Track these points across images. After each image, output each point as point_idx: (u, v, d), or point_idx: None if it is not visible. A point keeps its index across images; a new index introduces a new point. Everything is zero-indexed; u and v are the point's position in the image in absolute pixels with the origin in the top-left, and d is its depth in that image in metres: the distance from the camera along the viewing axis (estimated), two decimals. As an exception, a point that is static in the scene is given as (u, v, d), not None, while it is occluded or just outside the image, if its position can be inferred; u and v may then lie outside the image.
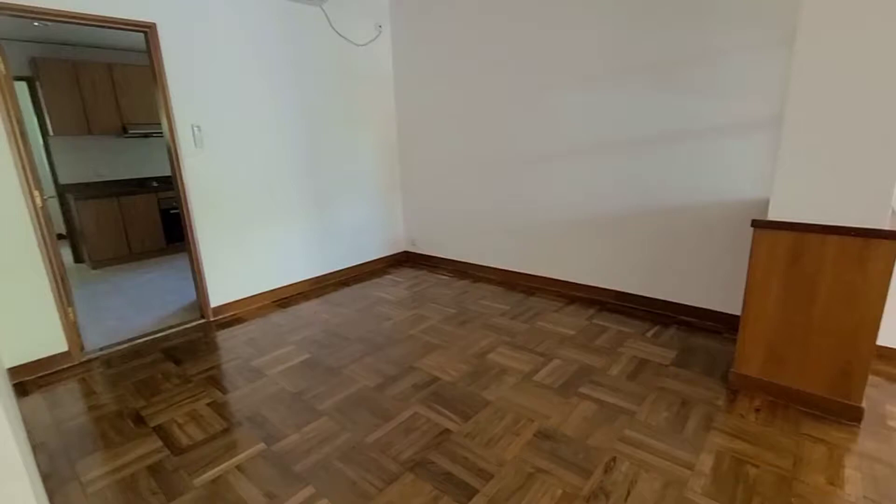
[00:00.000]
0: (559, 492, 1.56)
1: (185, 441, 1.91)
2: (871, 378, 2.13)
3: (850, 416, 1.85)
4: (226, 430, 1.97)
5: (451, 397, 2.15)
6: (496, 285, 3.72)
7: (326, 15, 3.58)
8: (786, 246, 1.89)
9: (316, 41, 3.58)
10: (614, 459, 1.70)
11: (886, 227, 1.68)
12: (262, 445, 1.87)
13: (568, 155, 3.25)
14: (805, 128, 1.78)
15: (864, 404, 1.84)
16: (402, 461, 1.74)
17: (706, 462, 1.67)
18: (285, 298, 3.60)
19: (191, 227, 3.04)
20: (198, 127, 2.98)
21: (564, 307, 3.19)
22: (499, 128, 3.58)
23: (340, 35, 3.71)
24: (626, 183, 3.01)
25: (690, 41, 2.58)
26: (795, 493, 1.52)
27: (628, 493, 1.55)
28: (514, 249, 3.73)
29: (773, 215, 1.90)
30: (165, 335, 2.98)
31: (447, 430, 1.91)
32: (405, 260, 4.61)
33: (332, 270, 3.98)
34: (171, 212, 5.04)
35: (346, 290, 3.74)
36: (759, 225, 1.92)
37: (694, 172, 2.72)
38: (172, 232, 5.09)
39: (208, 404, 2.18)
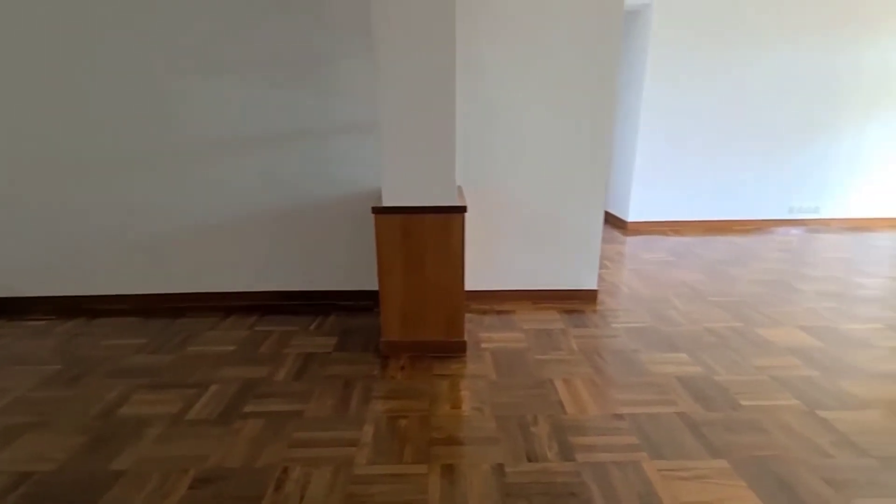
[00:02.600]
0: (225, 540, 1.35)
1: None
2: (468, 316, 2.87)
3: (459, 349, 2.42)
4: None
5: (57, 493, 1.54)
6: (128, 316, 2.95)
7: None
8: (400, 226, 2.24)
9: None
10: (286, 470, 1.62)
11: (456, 204, 2.22)
12: None
13: (198, 153, 2.85)
14: (394, 128, 2.12)
15: (465, 338, 2.44)
16: None
17: (368, 432, 1.82)
18: None
19: None
20: None
21: (221, 321, 2.85)
22: (99, 119, 2.77)
23: None
24: (268, 180, 2.91)
25: (313, 41, 2.67)
26: (433, 426, 1.86)
27: (301, 498, 1.50)
28: (148, 267, 3.04)
29: (387, 202, 2.21)
30: None
31: (51, 543, 1.35)
32: (-41, 312, 3.04)
33: None
34: None
35: None
36: (378, 211, 2.21)
37: (329, 167, 2.89)
38: None
39: None
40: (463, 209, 2.22)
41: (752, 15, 4.63)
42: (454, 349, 2.42)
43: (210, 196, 2.92)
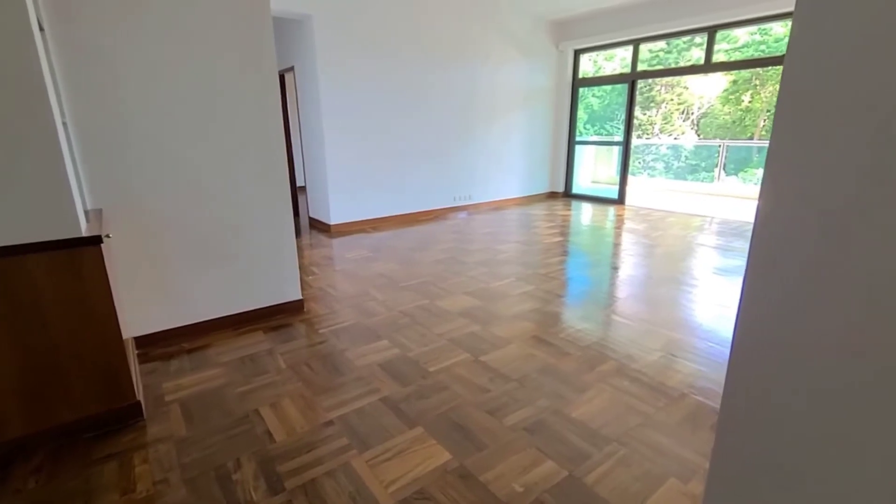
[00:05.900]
0: None
1: None
2: (145, 366, 2.32)
3: (133, 414, 1.91)
4: None
5: None
6: None
7: None
8: (-12, 277, 1.56)
9: None
10: None
11: (85, 234, 1.71)
12: None
13: None
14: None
15: (140, 397, 1.95)
16: None
17: None
18: None
19: None
20: None
21: None
22: None
23: None
24: None
25: None
26: (91, 533, 1.39)
27: None
28: None
29: (-50, 245, 1.50)
30: None
31: None
32: None
33: None
34: None
35: None
36: (-67, 261, 1.47)
37: None
38: None
39: None
40: (96, 239, 1.73)
41: (403, 40, 5.43)
42: (124, 417, 1.89)
43: None
